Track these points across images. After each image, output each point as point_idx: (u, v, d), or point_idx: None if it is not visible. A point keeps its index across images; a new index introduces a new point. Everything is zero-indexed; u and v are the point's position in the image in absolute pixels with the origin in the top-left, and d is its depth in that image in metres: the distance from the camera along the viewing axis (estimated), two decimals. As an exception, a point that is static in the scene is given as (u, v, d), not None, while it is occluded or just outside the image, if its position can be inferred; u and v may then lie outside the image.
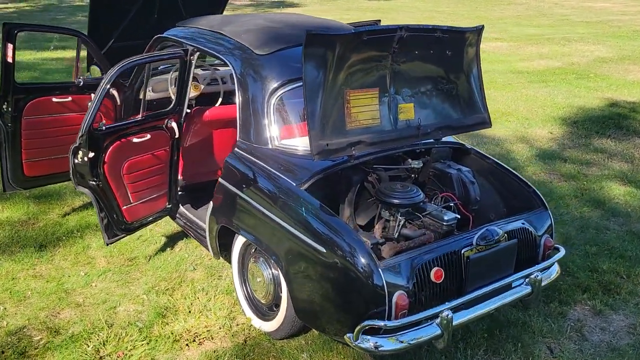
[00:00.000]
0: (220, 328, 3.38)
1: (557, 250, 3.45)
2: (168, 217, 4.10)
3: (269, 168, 3.25)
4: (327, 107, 3.05)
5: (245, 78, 3.50)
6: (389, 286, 2.71)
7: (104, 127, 3.35)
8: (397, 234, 3.25)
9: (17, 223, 4.45)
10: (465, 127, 3.69)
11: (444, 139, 3.71)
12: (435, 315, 2.79)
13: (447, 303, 2.83)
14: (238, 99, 3.50)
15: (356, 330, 2.71)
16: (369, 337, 2.72)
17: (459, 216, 3.38)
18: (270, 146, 3.37)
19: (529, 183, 3.59)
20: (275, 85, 3.43)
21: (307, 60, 2.91)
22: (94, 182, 3.44)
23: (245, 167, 3.36)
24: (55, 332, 3.28)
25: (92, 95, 4.29)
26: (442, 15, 19.08)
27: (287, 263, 3.06)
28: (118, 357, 3.11)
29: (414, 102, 3.48)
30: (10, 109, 3.94)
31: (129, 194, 3.67)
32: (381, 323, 2.68)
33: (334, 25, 4.17)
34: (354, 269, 2.74)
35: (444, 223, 3.25)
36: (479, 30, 3.57)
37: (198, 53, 3.83)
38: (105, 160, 3.43)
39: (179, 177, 4.10)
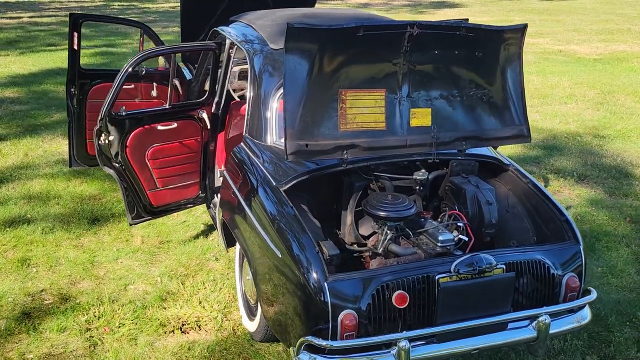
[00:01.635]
0: (210, 320, 3.38)
1: (588, 292, 2.91)
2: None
3: (258, 164, 3.17)
4: (312, 105, 2.87)
5: (256, 71, 3.45)
6: (335, 304, 2.49)
7: (123, 113, 3.52)
8: (381, 248, 2.97)
9: (86, 197, 4.89)
10: (496, 140, 3.26)
11: (475, 152, 3.33)
12: (393, 344, 2.51)
13: (404, 332, 2.52)
14: (248, 92, 3.46)
15: (297, 344, 2.54)
16: (315, 356, 2.52)
17: (464, 237, 3.01)
18: (268, 143, 3.28)
19: (564, 211, 3.06)
20: (281, 81, 3.33)
21: (289, 54, 2.77)
22: (117, 164, 3.64)
23: (240, 161, 3.32)
24: (64, 299, 3.53)
25: (154, 84, 4.56)
26: (620, 18, 17.10)
27: (255, 263, 2.97)
28: (104, 331, 3.26)
29: (432, 108, 3.15)
30: (76, 92, 4.33)
31: (155, 179, 3.82)
32: (322, 342, 2.47)
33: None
34: (302, 278, 2.56)
35: (438, 244, 2.90)
36: (520, 30, 3.12)
37: (237, 46, 3.86)
38: (127, 144, 3.60)
39: (221, 167, 4.18)
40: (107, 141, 3.53)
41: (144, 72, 4.51)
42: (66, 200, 4.79)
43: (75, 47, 4.22)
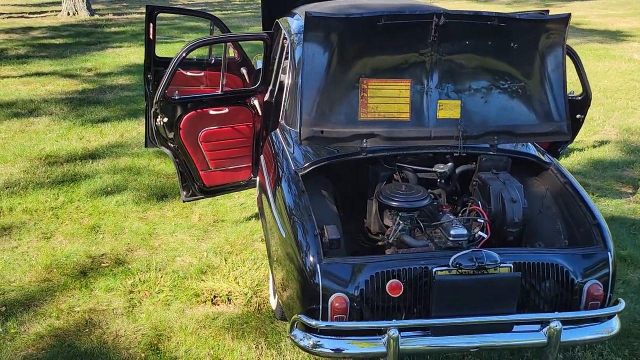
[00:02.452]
0: (240, 295, 3.58)
1: (617, 302, 2.72)
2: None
3: (285, 149, 3.29)
4: (331, 93, 2.94)
5: (296, 61, 3.55)
6: (326, 286, 2.55)
7: (176, 97, 3.81)
8: (392, 238, 2.97)
9: (161, 175, 5.30)
10: (532, 136, 3.14)
11: (510, 148, 3.21)
12: (382, 331, 2.53)
13: (394, 320, 2.52)
14: (286, 80, 3.58)
15: (290, 321, 2.64)
16: (309, 334, 2.61)
17: (483, 234, 2.92)
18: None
19: (596, 214, 2.87)
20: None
21: (307, 42, 2.86)
22: (172, 145, 3.94)
23: (271, 146, 3.46)
24: (119, 263, 3.91)
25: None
26: None
27: (269, 244, 3.10)
28: (144, 295, 3.58)
29: (462, 100, 3.09)
30: (152, 79, 4.72)
31: (208, 161, 4.08)
32: (311, 321, 2.55)
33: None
34: (300, 260, 2.65)
35: (450, 237, 2.85)
36: (562, 20, 2.96)
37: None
38: (181, 126, 3.89)
39: None
40: (162, 123, 3.84)
41: (212, 61, 4.80)
42: (143, 177, 5.24)
43: (151, 37, 4.59)
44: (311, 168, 3.06)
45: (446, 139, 3.07)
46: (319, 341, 2.57)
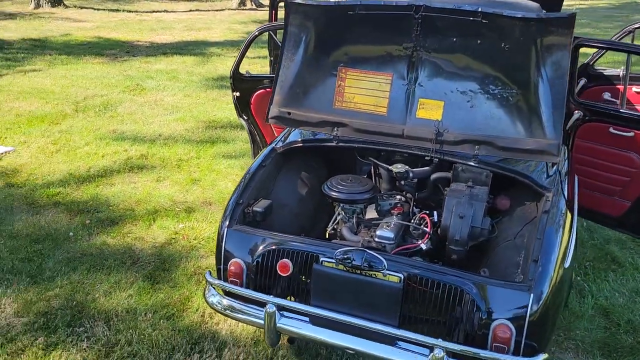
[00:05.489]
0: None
1: (533, 350, 2.32)
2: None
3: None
4: (307, 78, 3.06)
5: None
6: (228, 250, 2.75)
7: (246, 74, 4.25)
8: (330, 228, 2.96)
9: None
10: (516, 151, 2.76)
11: (498, 164, 2.86)
12: (263, 304, 2.64)
13: (272, 297, 2.60)
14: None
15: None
16: (216, 293, 2.83)
17: (422, 244, 2.73)
18: None
19: (545, 250, 2.47)
20: None
21: (289, 27, 3.01)
22: (245, 117, 4.42)
23: None
24: (188, 211, 4.56)
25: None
26: None
27: None
28: (182, 238, 4.17)
29: (446, 101, 2.88)
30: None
31: (275, 133, 4.45)
32: (208, 276, 2.78)
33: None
34: (220, 222, 2.86)
35: (375, 238, 2.75)
36: (565, 21, 2.55)
37: None
38: (251, 102, 4.33)
39: None
40: (236, 96, 4.34)
41: None
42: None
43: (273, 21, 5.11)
44: (287, 148, 3.22)
45: (420, 140, 2.90)
46: (220, 300, 2.79)
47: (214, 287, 2.83)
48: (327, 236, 3.05)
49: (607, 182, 3.71)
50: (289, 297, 2.78)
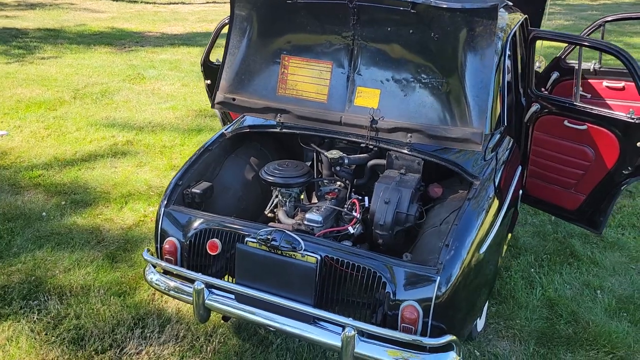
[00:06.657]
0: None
1: (440, 335, 2.37)
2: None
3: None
4: (251, 65, 3.14)
5: None
6: (164, 229, 2.86)
7: (217, 62, 4.35)
8: (267, 210, 3.04)
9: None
10: (443, 139, 2.81)
11: (428, 150, 2.91)
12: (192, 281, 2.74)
13: (200, 274, 2.70)
14: None
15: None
16: (154, 271, 2.94)
17: (350, 229, 2.81)
18: None
19: (456, 235, 2.51)
20: None
21: (236, 12, 3.08)
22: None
23: None
24: (161, 194, 4.70)
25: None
26: None
27: None
28: (150, 220, 4.30)
29: (382, 90, 2.95)
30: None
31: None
32: (144, 254, 2.88)
33: None
34: (159, 201, 2.97)
35: (305, 221, 2.83)
36: (487, 12, 2.59)
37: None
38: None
39: None
40: (207, 84, 4.45)
41: None
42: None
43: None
44: (235, 133, 3.32)
45: (356, 127, 2.96)
46: (158, 278, 2.90)
47: (152, 265, 2.95)
48: (266, 219, 3.14)
49: (564, 175, 3.72)
50: (227, 277, 2.89)
